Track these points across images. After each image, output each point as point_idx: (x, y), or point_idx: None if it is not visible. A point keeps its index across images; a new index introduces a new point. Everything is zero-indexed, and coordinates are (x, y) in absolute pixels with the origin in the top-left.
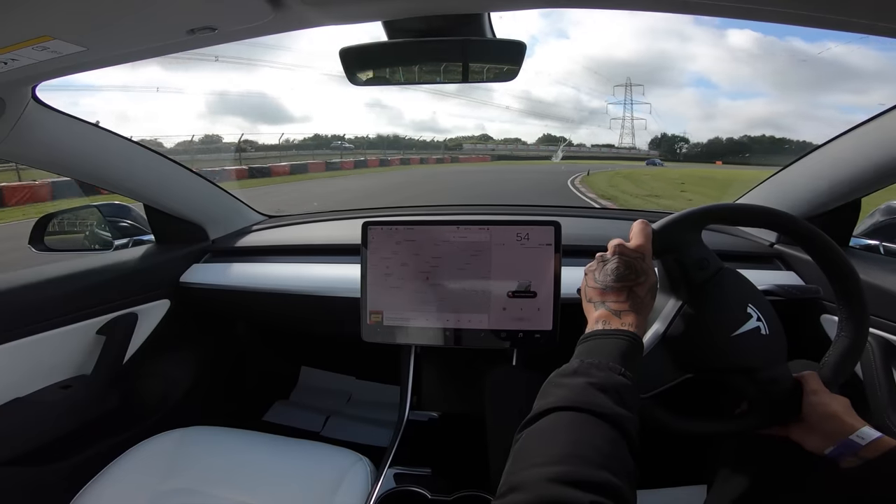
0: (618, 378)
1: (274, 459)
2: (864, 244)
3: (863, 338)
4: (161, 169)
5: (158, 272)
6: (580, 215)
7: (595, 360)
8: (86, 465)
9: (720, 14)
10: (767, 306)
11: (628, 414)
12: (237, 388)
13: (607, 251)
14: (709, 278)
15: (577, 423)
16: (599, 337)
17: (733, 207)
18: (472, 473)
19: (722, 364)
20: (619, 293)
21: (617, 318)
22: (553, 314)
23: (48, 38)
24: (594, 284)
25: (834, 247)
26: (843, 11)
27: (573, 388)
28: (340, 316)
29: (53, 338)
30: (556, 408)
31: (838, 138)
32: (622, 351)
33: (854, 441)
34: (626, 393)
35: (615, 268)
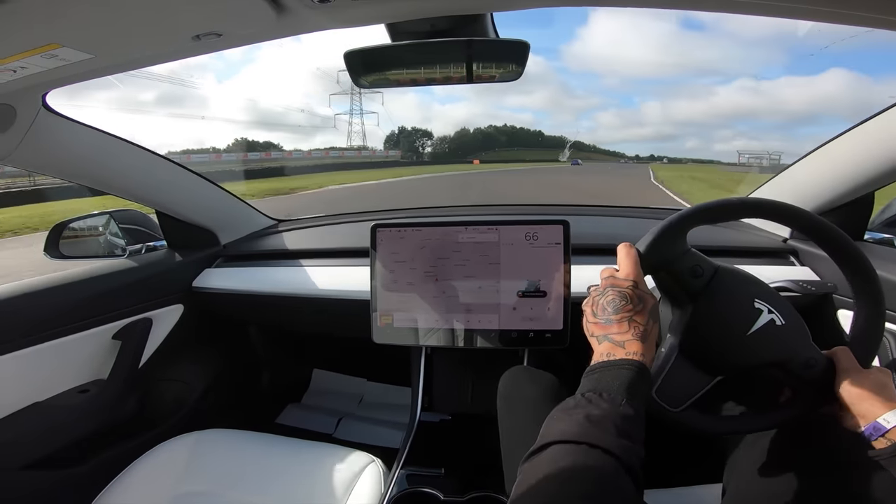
0: (618, 409)
1: (287, 461)
2: (879, 238)
3: (882, 306)
4: (172, 175)
5: (171, 277)
6: (589, 213)
7: (595, 394)
8: (104, 468)
9: (724, 9)
10: (774, 296)
11: (628, 444)
12: (250, 391)
13: (600, 283)
14: (706, 284)
15: (575, 457)
16: (603, 369)
17: (710, 206)
18: (485, 474)
19: (749, 362)
20: (619, 325)
21: (621, 348)
22: (563, 313)
23: (57, 46)
24: (594, 320)
25: (839, 232)
26: (847, 5)
27: (571, 422)
28: (351, 318)
29: (70, 343)
30: (555, 442)
31: (849, 131)
32: (626, 381)
33: (880, 424)
34: (627, 424)
35: (611, 301)
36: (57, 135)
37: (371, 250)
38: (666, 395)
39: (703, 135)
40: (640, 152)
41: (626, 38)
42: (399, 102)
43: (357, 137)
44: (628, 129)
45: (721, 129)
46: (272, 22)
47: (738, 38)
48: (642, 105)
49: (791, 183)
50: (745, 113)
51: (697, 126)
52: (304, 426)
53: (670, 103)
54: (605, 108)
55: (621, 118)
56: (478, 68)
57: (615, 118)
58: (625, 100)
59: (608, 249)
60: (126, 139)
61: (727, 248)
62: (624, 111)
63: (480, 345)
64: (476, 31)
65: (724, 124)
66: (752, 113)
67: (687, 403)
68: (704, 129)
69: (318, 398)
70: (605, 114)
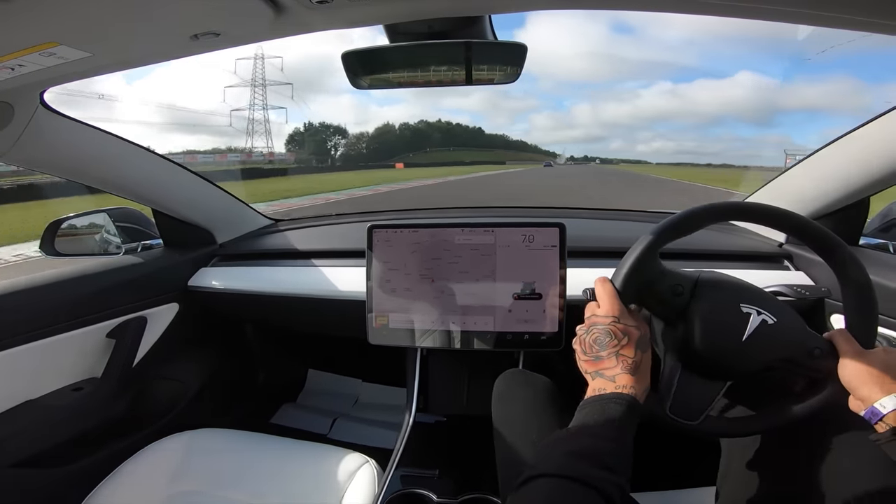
0: (601, 444)
1: (282, 461)
2: (875, 243)
3: (869, 282)
4: (169, 174)
5: (167, 276)
6: (585, 216)
7: (583, 428)
8: (97, 466)
9: (721, 13)
10: (758, 295)
11: (608, 475)
12: (245, 390)
13: (584, 322)
14: (689, 300)
15: (556, 490)
16: (594, 403)
17: (674, 222)
18: (479, 476)
19: (753, 366)
20: (608, 360)
21: (612, 382)
22: (559, 316)
23: (55, 44)
24: (584, 358)
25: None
26: (845, 9)
27: (556, 457)
28: (347, 319)
29: (64, 341)
30: (539, 475)
31: (844, 137)
32: (614, 415)
33: (877, 409)
34: (608, 457)
35: (596, 339)
36: (54, 132)
37: (367, 251)
38: (681, 410)
39: (628, 136)
40: (574, 153)
41: (561, 40)
42: (329, 104)
43: (260, 138)
44: (561, 131)
45: (643, 131)
46: (270, 22)
47: (661, 42)
48: (573, 108)
49: (785, 188)
50: (664, 115)
51: (623, 128)
52: (298, 426)
53: (599, 106)
54: (539, 110)
55: (554, 120)
56: (476, 70)
57: (549, 120)
58: (557, 103)
59: (604, 252)
60: (123, 137)
61: (722, 252)
62: (557, 113)
63: (476, 347)
64: (474, 34)
65: (646, 126)
66: (670, 115)
67: (705, 414)
68: (629, 131)
69: (313, 398)
70: (539, 116)
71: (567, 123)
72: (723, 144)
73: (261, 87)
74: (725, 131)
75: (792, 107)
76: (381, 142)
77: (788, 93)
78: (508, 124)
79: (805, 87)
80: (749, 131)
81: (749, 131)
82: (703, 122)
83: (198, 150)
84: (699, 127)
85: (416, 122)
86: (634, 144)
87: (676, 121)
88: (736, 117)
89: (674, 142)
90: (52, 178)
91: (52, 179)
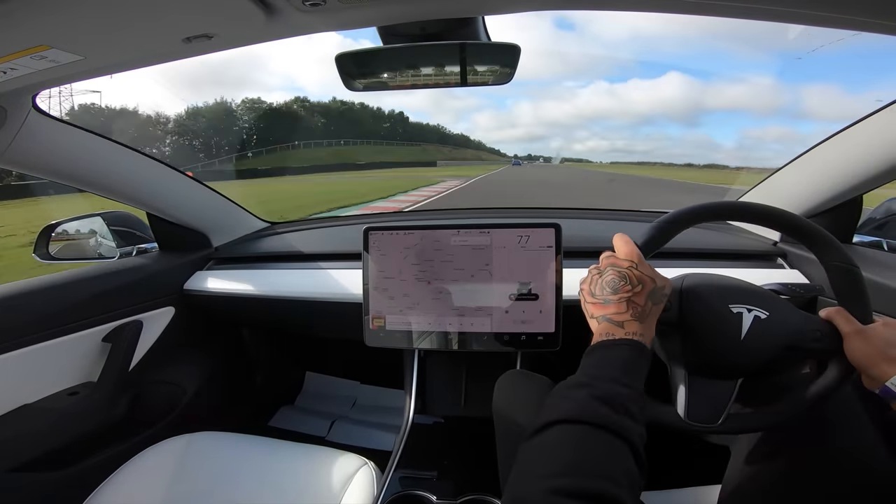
0: (620, 389)
1: (280, 464)
2: (868, 241)
3: (854, 263)
4: (163, 177)
5: (162, 280)
6: (581, 217)
7: (598, 372)
8: (93, 471)
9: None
10: (744, 292)
11: (631, 424)
12: (243, 393)
13: (600, 264)
14: (679, 313)
15: (579, 436)
16: (603, 348)
17: (669, 219)
18: (478, 477)
19: (759, 361)
20: (618, 305)
21: (620, 328)
22: (555, 316)
23: (46, 48)
24: (592, 300)
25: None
26: (844, 10)
27: (577, 401)
28: (343, 321)
29: (60, 345)
30: (559, 420)
31: (837, 135)
32: (626, 360)
33: (889, 388)
34: (630, 403)
35: (610, 280)
36: (47, 136)
37: (363, 253)
38: (700, 416)
39: (566, 135)
40: (518, 152)
41: (505, 35)
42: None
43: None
44: (503, 131)
45: (580, 130)
46: (262, 25)
47: (600, 40)
48: (515, 107)
49: (779, 187)
50: (600, 114)
51: (562, 127)
52: (296, 429)
53: (540, 104)
54: (481, 109)
55: (497, 120)
56: (470, 71)
57: (491, 120)
58: (499, 101)
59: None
60: (117, 141)
61: (717, 251)
62: (499, 113)
63: (473, 348)
64: (468, 35)
65: (582, 125)
66: (605, 114)
67: (725, 414)
68: (567, 130)
69: (311, 401)
70: (481, 115)
71: (508, 123)
72: (653, 143)
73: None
74: (655, 130)
75: (714, 107)
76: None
77: (713, 93)
78: (453, 122)
79: (727, 87)
80: (677, 130)
81: (677, 130)
82: (634, 122)
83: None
84: (630, 126)
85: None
86: (572, 143)
87: (611, 120)
88: (665, 116)
89: (607, 140)
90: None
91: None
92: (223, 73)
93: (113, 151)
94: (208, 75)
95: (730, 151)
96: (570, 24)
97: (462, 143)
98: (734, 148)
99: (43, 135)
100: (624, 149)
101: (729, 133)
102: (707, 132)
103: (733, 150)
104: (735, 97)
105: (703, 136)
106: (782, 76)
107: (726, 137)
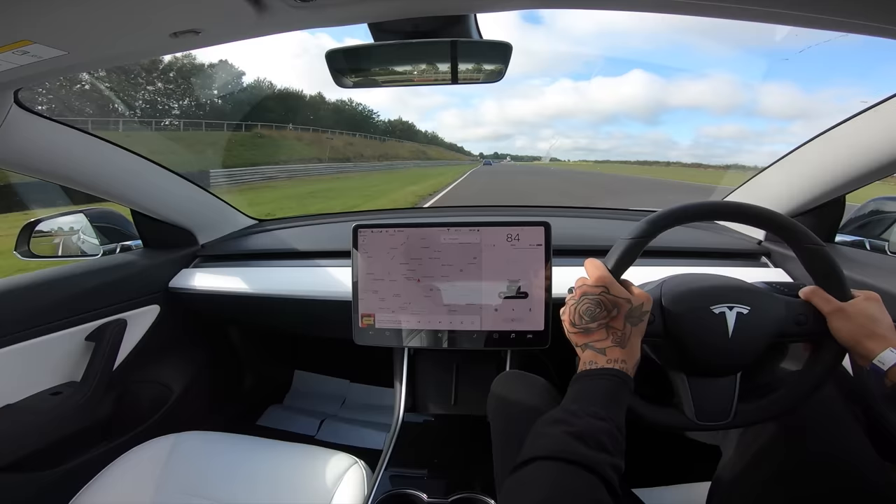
0: (596, 423)
1: (269, 464)
2: (851, 240)
3: (822, 244)
4: (147, 173)
5: (147, 278)
6: (570, 215)
7: (577, 407)
8: (79, 471)
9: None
10: (722, 290)
11: (604, 457)
12: (231, 392)
13: (574, 293)
14: (663, 323)
15: (553, 472)
16: (586, 378)
17: (663, 216)
18: (469, 475)
19: (751, 355)
20: (598, 332)
21: (602, 355)
22: (544, 314)
23: (28, 43)
24: (574, 329)
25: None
26: (840, 12)
27: (552, 437)
28: (332, 319)
29: (42, 344)
30: (536, 458)
31: (820, 136)
32: (604, 393)
33: (877, 367)
34: (604, 436)
35: (586, 309)
36: (30, 132)
37: (353, 251)
38: (708, 415)
39: (531, 133)
40: (483, 150)
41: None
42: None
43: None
44: (467, 129)
45: (544, 129)
46: (252, 21)
47: (568, 35)
48: (480, 105)
49: (763, 187)
50: (564, 112)
51: (528, 125)
52: (285, 428)
53: (506, 103)
54: (446, 107)
55: (462, 118)
56: (462, 69)
57: (456, 118)
58: (464, 100)
59: (590, 251)
60: (100, 136)
61: (703, 250)
62: (464, 111)
63: (463, 346)
64: (460, 33)
65: (547, 123)
66: (569, 112)
67: (733, 410)
68: (532, 129)
69: (300, 400)
70: (446, 113)
71: (473, 122)
72: (614, 141)
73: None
74: (617, 128)
75: (675, 105)
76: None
77: (674, 91)
78: (420, 120)
79: (689, 84)
80: (638, 128)
81: (638, 128)
82: (597, 120)
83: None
84: (593, 124)
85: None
86: (536, 142)
87: (574, 118)
88: (627, 115)
89: (570, 139)
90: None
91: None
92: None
93: (96, 147)
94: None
95: (686, 149)
96: (538, 18)
97: (426, 140)
98: (690, 146)
99: (25, 131)
100: (586, 147)
101: (686, 131)
102: (665, 130)
103: (689, 147)
104: (695, 95)
105: (662, 135)
106: (744, 73)
107: (683, 135)
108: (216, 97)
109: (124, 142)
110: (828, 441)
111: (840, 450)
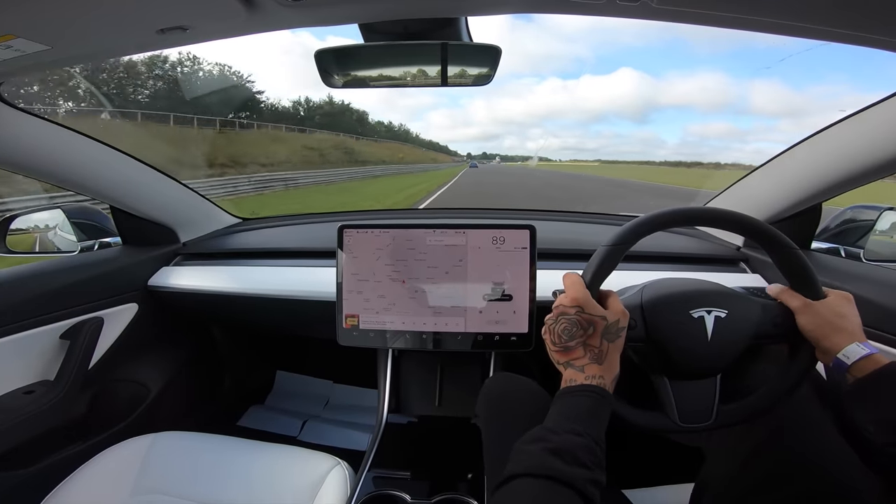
0: (574, 439)
1: (250, 465)
2: (826, 247)
3: (793, 245)
4: (128, 170)
5: (125, 275)
6: (555, 219)
7: (556, 424)
8: (53, 470)
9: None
10: (700, 294)
11: (582, 472)
12: (211, 392)
13: (552, 312)
14: (645, 329)
15: (533, 489)
16: (567, 395)
17: (641, 223)
18: (453, 476)
19: (730, 357)
20: (576, 350)
21: (581, 372)
22: (529, 317)
23: (11, 37)
24: (554, 348)
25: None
26: (833, 22)
27: (531, 455)
28: (316, 320)
29: (15, 342)
30: (517, 475)
31: (798, 145)
32: (583, 410)
33: (841, 361)
34: (581, 452)
35: (564, 329)
36: (8, 126)
37: (338, 251)
38: (691, 417)
39: (520, 133)
40: (472, 150)
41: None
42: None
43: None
44: (456, 129)
45: (533, 128)
46: (241, 18)
47: (558, 33)
48: (469, 105)
49: (744, 194)
50: (553, 112)
51: (517, 125)
52: (267, 429)
53: (495, 102)
54: (436, 107)
55: (451, 118)
56: (451, 71)
57: (445, 118)
58: (453, 100)
59: (574, 254)
60: (79, 131)
61: (682, 255)
62: (454, 111)
63: (447, 348)
64: (450, 35)
65: (536, 123)
66: (559, 112)
67: (715, 410)
68: (521, 128)
69: (282, 400)
70: (435, 113)
71: (462, 122)
72: (603, 140)
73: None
74: (606, 127)
75: (665, 104)
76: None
77: (664, 89)
78: (408, 120)
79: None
80: (627, 128)
81: (627, 128)
82: (587, 119)
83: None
84: (583, 124)
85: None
86: (525, 142)
87: (564, 118)
88: (617, 113)
89: (559, 139)
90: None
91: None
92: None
93: (76, 142)
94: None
95: (673, 147)
96: (528, 15)
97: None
98: (677, 144)
99: (6, 126)
100: (574, 146)
101: (674, 130)
102: (654, 129)
103: (676, 146)
104: (684, 93)
105: (650, 133)
106: (733, 72)
107: (671, 134)
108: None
109: (101, 135)
110: (804, 444)
111: (814, 453)
